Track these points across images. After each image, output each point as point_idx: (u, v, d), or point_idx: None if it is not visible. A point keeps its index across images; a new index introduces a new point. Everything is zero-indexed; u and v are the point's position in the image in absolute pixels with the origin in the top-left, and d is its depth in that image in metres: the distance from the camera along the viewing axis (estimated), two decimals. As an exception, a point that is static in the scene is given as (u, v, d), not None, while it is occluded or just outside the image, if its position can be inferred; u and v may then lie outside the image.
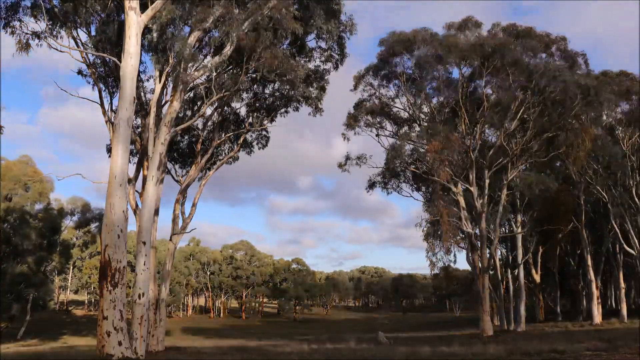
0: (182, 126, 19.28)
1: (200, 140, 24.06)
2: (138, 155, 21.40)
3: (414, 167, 30.76)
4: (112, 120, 18.04)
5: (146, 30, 16.16)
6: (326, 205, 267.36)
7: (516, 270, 38.44)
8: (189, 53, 16.78)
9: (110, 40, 18.50)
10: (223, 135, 24.30)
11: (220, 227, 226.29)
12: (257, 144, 26.25)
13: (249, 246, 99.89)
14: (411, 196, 34.32)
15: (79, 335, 46.32)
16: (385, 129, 32.67)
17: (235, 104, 24.82)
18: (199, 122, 24.10)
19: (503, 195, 30.39)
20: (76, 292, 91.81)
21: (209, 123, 24.57)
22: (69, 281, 77.78)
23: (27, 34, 17.62)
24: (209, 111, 23.15)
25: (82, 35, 18.71)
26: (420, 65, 29.51)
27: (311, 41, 22.27)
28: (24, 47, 17.50)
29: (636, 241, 36.28)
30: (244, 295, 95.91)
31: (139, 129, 21.49)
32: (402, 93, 31.29)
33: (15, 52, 17.23)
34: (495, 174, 30.84)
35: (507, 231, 40.41)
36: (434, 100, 31.68)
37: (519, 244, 37.36)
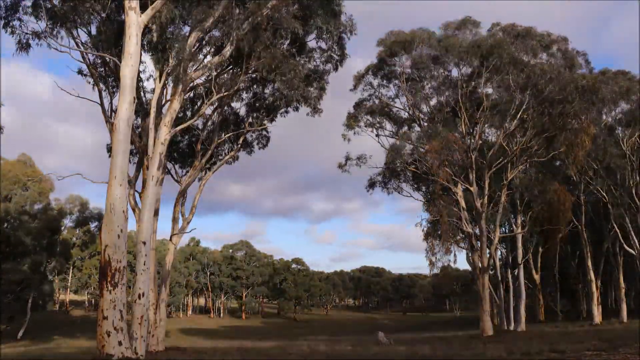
0: (182, 126, 19.25)
1: (200, 140, 24.00)
2: (138, 155, 21.38)
3: (414, 167, 30.75)
4: (112, 120, 18.01)
5: (146, 30, 16.15)
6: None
7: (516, 270, 38.44)
8: (189, 53, 16.77)
9: (110, 40, 18.46)
10: (223, 135, 24.26)
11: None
12: (257, 144, 26.23)
13: (249, 246, 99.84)
14: (411, 196, 34.28)
15: (73, 337, 45.97)
16: (385, 129, 32.71)
17: (235, 104, 24.84)
18: (199, 122, 24.06)
19: (503, 195, 30.38)
20: (76, 292, 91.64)
21: (209, 123, 24.54)
22: (69, 281, 77.61)
23: (27, 33, 17.58)
24: (208, 111, 23.12)
25: (82, 35, 18.70)
26: (418, 66, 29.53)
27: (311, 41, 22.25)
28: (24, 47, 17.50)
29: (636, 241, 36.28)
30: (244, 295, 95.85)
31: (139, 129, 21.46)
32: (402, 93, 31.28)
33: (15, 51, 17.28)
34: (495, 174, 30.83)
35: (507, 231, 40.41)
36: (434, 100, 31.73)
37: (519, 244, 37.36)
